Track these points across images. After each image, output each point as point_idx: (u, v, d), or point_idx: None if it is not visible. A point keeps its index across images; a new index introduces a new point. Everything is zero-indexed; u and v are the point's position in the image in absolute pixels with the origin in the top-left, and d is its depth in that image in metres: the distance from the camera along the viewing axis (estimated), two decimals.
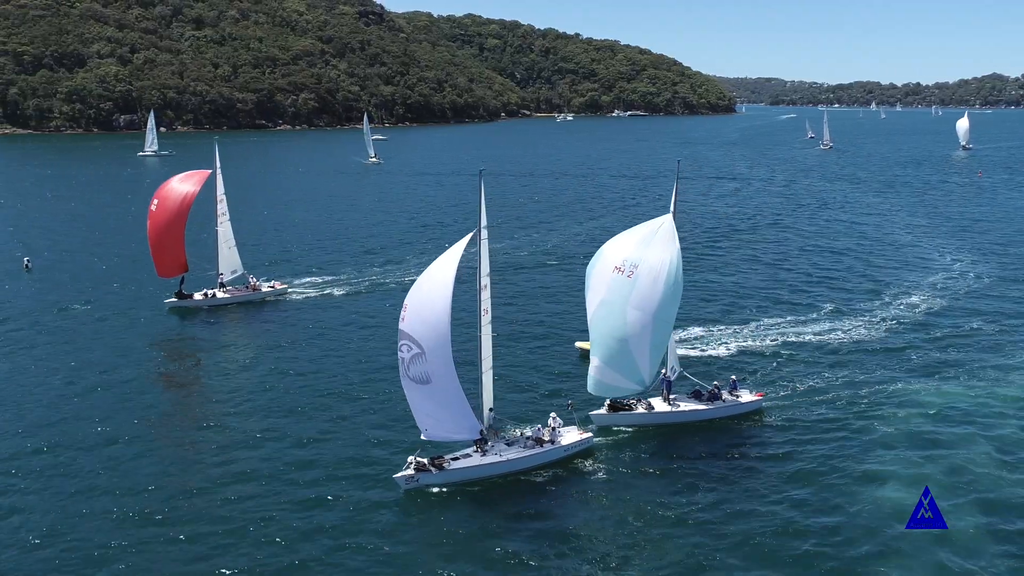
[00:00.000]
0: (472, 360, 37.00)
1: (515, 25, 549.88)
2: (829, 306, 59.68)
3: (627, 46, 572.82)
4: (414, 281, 34.22)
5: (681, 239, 38.82)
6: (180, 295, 59.78)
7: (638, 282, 37.05)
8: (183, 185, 60.12)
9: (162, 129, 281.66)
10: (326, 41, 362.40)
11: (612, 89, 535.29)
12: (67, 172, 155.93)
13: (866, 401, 42.27)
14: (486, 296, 34.91)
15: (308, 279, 67.91)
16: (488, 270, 34.83)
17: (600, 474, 35.07)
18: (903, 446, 37.32)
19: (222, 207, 62.04)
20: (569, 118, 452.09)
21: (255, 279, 63.11)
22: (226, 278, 62.13)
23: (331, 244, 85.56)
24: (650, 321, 37.12)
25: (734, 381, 41.69)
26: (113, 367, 46.84)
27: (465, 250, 33.51)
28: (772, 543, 29.61)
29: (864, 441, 37.78)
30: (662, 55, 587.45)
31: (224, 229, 61.99)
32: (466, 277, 37.56)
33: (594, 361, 38.65)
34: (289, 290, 63.86)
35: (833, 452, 36.77)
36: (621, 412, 39.41)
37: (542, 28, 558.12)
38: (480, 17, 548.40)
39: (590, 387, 39.25)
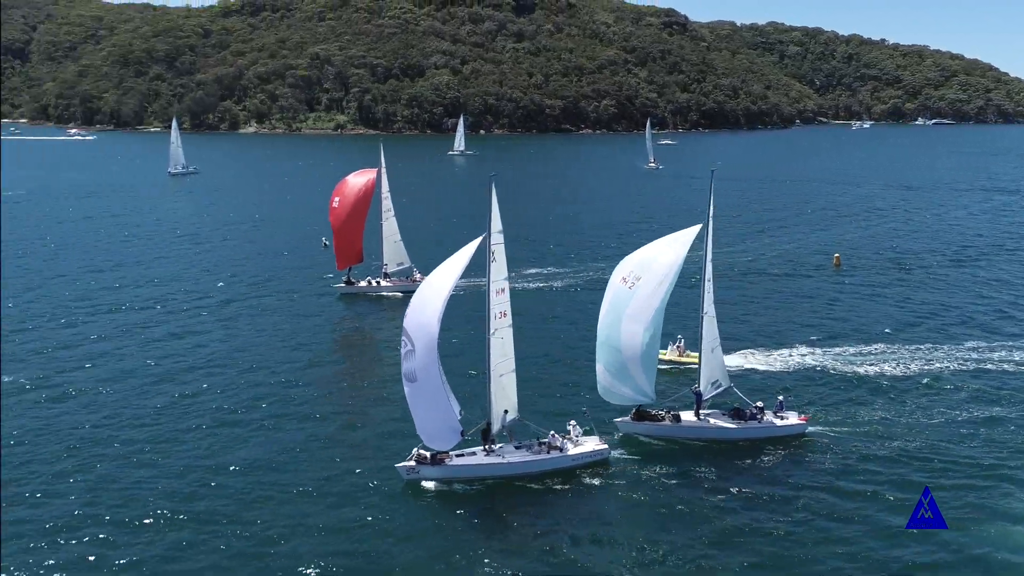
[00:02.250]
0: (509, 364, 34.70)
1: (818, 32, 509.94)
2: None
3: (937, 51, 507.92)
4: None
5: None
6: (348, 282, 61.82)
7: (636, 293, 34.70)
8: (359, 182, 61.23)
9: (481, 132, 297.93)
10: (629, 51, 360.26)
11: (917, 96, 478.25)
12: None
13: (925, 450, 35.00)
14: (504, 299, 33.13)
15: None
16: (506, 274, 33.20)
17: (608, 489, 32.16)
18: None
19: (387, 203, 62.63)
20: (866, 126, 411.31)
21: (418, 272, 62.32)
22: (390, 269, 62.87)
23: (564, 240, 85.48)
24: (641, 332, 34.59)
25: (780, 402, 37.11)
26: (291, 336, 51.55)
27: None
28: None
29: (900, 492, 31.29)
30: (976, 60, 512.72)
31: (389, 224, 62.63)
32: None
33: (599, 367, 36.34)
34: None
35: (866, 498, 31.08)
36: (646, 422, 36.58)
37: (845, 34, 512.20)
38: (782, 25, 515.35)
39: (600, 392, 36.66)
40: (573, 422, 34.49)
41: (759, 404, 36.46)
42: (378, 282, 62.65)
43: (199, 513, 30.05)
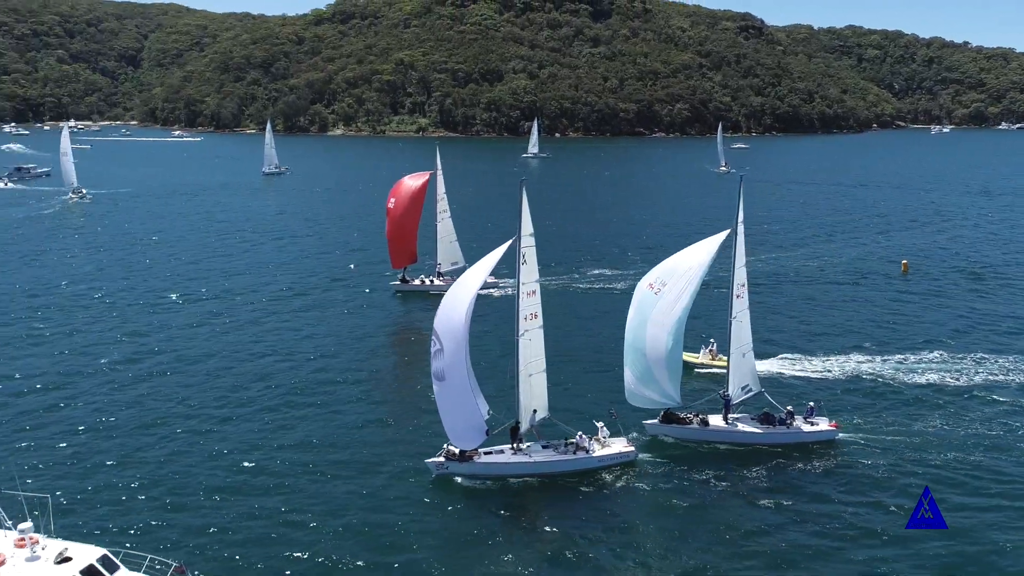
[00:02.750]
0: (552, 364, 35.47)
1: (898, 35, 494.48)
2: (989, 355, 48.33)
3: (1023, 53, 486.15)
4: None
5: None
6: (403, 280, 63.85)
7: (661, 299, 34.91)
8: (413, 184, 62.06)
9: (556, 135, 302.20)
10: (704, 55, 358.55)
11: (1001, 100, 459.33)
12: (466, 165, 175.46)
13: (954, 462, 34.45)
14: (535, 301, 33.32)
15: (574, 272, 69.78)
16: (536, 276, 33.46)
17: (634, 491, 32.16)
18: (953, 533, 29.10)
19: (442, 205, 63.57)
20: (946, 130, 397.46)
21: None
22: (444, 268, 64.34)
23: (628, 241, 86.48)
24: (665, 337, 34.71)
25: (811, 408, 36.43)
26: (349, 331, 54.57)
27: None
28: None
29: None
30: None
31: (444, 225, 63.72)
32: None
33: (626, 372, 36.28)
34: (499, 284, 62.40)
35: (883, 508, 30.94)
36: (673, 424, 36.46)
37: (926, 37, 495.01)
38: (861, 28, 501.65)
39: (626, 395, 36.54)
40: (601, 423, 34.31)
41: (789, 409, 36.02)
42: (431, 280, 63.80)
43: (247, 485, 32.82)
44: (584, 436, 33.62)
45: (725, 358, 42.50)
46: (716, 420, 36.53)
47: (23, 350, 49.53)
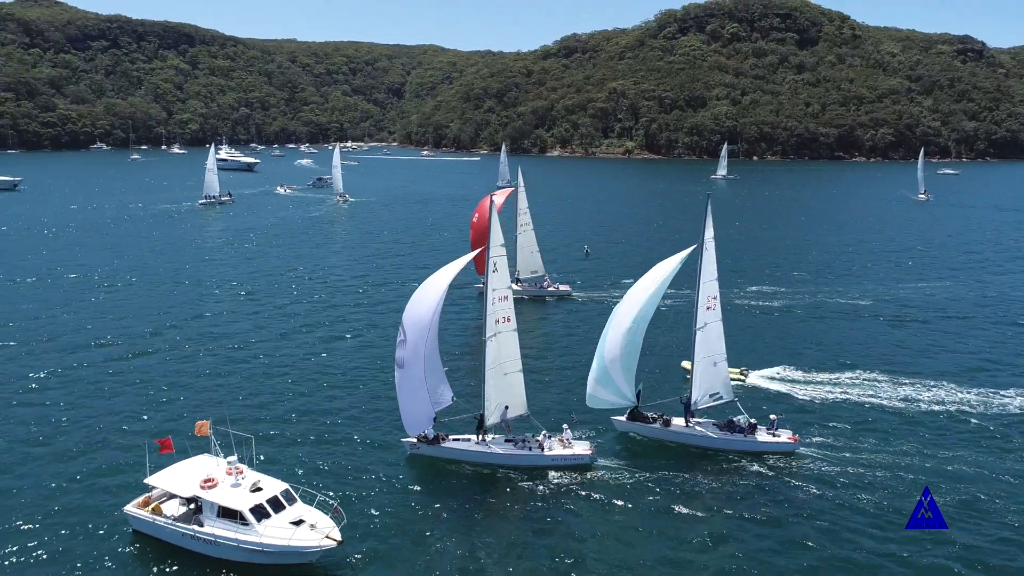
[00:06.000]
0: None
1: None
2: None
3: None
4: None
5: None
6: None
7: (622, 308, 34.42)
8: (495, 200, 61.09)
9: (754, 158, 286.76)
10: (914, 79, 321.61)
11: None
12: (654, 185, 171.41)
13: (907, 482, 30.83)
14: (508, 305, 32.90)
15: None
16: (508, 283, 33.15)
17: (585, 490, 30.58)
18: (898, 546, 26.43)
19: (524, 219, 62.78)
20: None
21: (549, 280, 64.19)
22: (522, 275, 63.74)
23: (795, 262, 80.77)
24: (621, 339, 33.86)
25: (774, 420, 34.39)
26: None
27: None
28: None
29: (875, 523, 28.04)
30: None
31: (525, 237, 63.18)
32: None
33: (589, 376, 35.01)
34: (572, 292, 64.00)
35: (835, 526, 28.01)
36: (638, 422, 35.31)
37: None
38: None
39: (587, 399, 35.15)
40: (567, 426, 33.38)
41: (752, 421, 34.40)
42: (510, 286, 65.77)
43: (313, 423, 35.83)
44: (548, 435, 32.87)
45: (732, 369, 41.18)
46: (678, 422, 35.29)
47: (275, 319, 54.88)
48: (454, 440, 33.15)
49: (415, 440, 32.95)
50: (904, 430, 36.42)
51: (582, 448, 32.52)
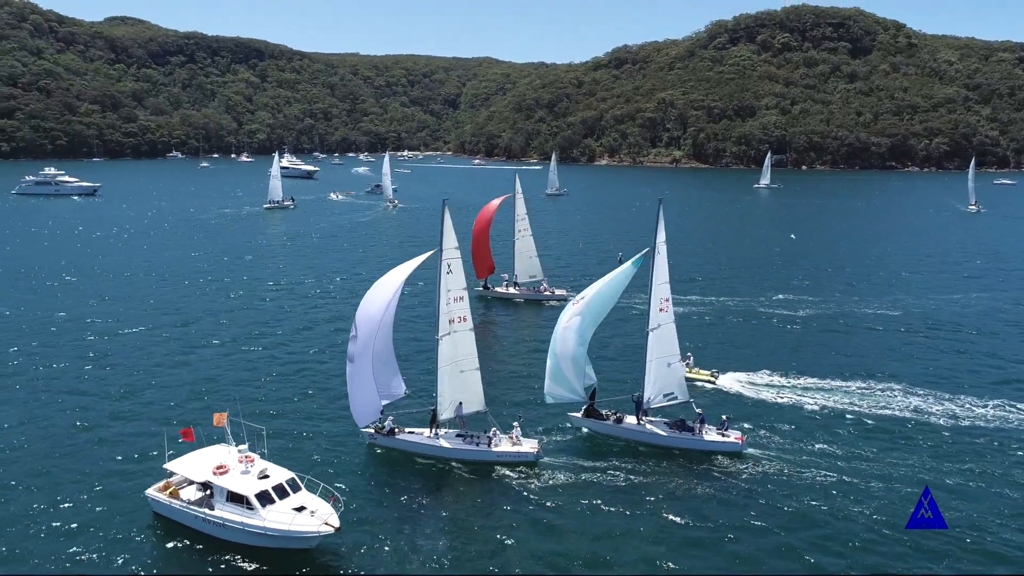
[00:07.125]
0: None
1: None
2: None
3: None
4: None
5: None
6: (484, 287, 64.24)
7: (573, 306, 34.79)
8: (488, 208, 62.49)
9: (803, 168, 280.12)
10: (972, 88, 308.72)
11: None
12: (696, 193, 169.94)
13: (856, 488, 30.19)
14: (463, 306, 33.39)
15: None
16: (464, 284, 33.50)
17: (529, 484, 30.66)
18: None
19: (521, 225, 63.06)
20: None
21: (547, 284, 64.14)
22: (520, 279, 64.30)
23: (827, 272, 77.89)
24: (572, 338, 34.14)
25: (724, 421, 34.60)
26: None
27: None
28: None
29: (814, 525, 27.67)
30: None
31: (523, 242, 63.40)
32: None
33: (545, 373, 35.48)
34: (567, 297, 60.68)
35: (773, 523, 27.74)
36: (591, 419, 35.45)
37: None
38: None
39: (545, 395, 35.68)
40: (516, 424, 33.25)
41: (699, 411, 34.57)
42: (508, 289, 64.37)
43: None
44: (497, 432, 32.83)
45: (703, 371, 42.77)
46: (630, 420, 35.27)
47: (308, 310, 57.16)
48: (408, 433, 33.62)
49: (372, 431, 33.59)
50: (854, 434, 35.73)
51: (529, 446, 32.65)
